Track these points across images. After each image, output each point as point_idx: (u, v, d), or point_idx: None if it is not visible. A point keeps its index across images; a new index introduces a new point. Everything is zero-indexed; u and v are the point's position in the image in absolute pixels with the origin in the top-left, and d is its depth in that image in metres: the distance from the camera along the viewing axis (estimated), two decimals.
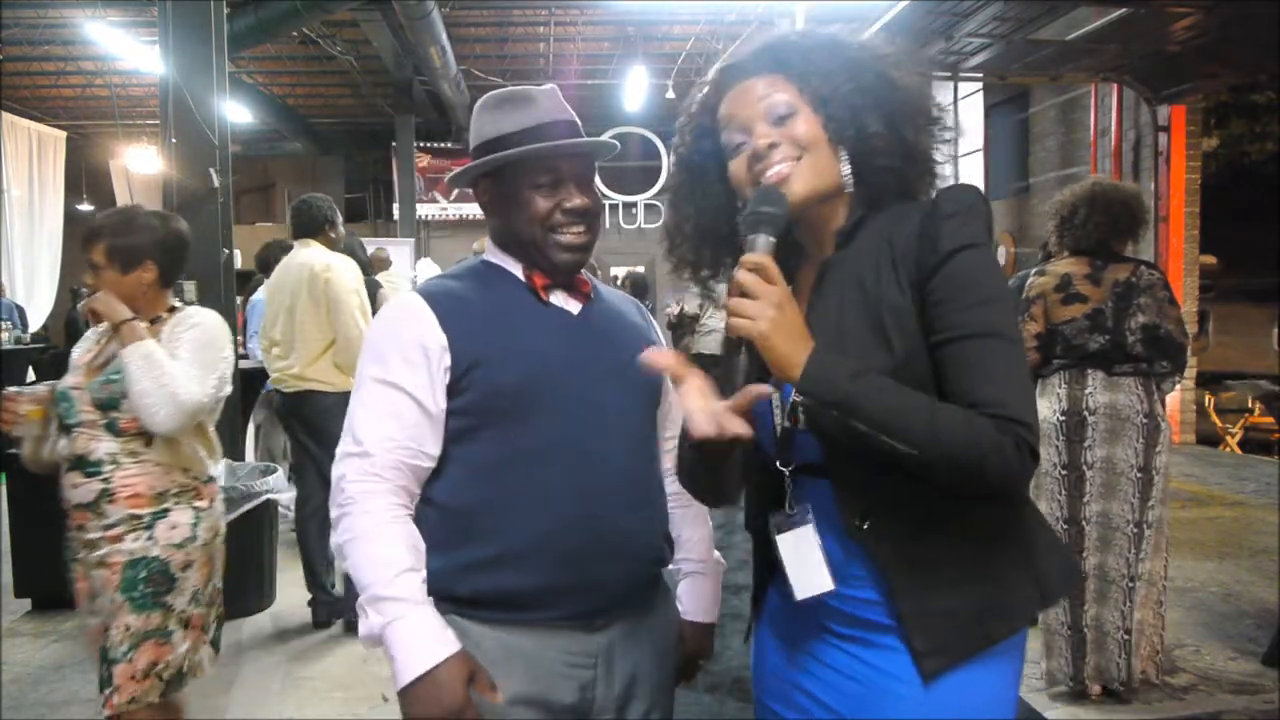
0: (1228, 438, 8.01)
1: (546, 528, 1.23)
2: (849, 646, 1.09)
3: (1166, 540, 2.91)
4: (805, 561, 1.08)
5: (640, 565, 1.32)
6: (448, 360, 1.26)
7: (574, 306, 1.36)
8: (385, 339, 1.30)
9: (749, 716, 1.32)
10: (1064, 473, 2.85)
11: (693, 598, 1.45)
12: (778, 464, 1.11)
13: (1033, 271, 2.97)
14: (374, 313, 4.73)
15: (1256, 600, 3.78)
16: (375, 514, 1.22)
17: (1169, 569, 2.96)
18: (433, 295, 1.31)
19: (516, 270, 1.36)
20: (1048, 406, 2.86)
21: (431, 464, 1.27)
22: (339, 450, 1.28)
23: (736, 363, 1.00)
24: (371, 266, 6.57)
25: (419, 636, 1.15)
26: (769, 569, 1.18)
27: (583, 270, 1.39)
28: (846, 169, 1.11)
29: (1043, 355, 2.88)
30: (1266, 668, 3.11)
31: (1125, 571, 2.81)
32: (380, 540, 1.20)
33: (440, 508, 1.27)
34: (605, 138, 1.40)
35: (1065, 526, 2.85)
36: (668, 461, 1.41)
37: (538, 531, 1.23)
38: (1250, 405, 8.17)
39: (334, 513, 1.25)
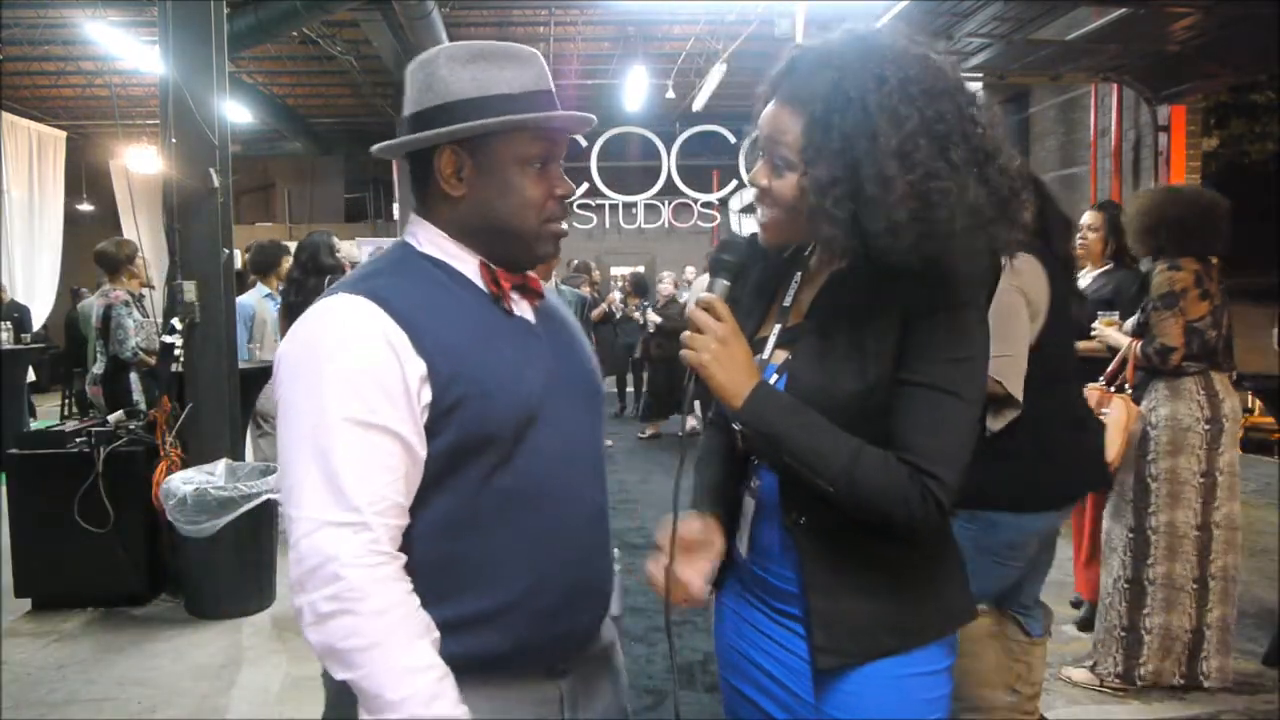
0: None
1: (526, 584, 1.09)
2: (785, 621, 1.20)
3: None
4: (745, 526, 1.23)
5: (603, 604, 1.22)
6: (428, 395, 1.03)
7: (529, 312, 1.18)
8: (352, 362, 1.01)
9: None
10: (1202, 480, 2.84)
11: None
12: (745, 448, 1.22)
13: (1164, 267, 2.90)
14: None
15: (1256, 600, 3.78)
16: (390, 613, 0.98)
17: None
18: (390, 304, 1.04)
19: (466, 268, 1.14)
20: (1190, 414, 2.84)
21: None
22: (309, 514, 0.99)
23: (687, 388, 1.14)
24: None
25: None
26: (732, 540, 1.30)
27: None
28: None
29: (1184, 354, 2.85)
30: (1266, 668, 3.12)
31: (1222, 569, 2.89)
32: (408, 646, 0.98)
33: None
34: (602, 135, 1.24)
35: (1198, 534, 2.85)
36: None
37: (517, 589, 1.09)
38: (1250, 405, 8.17)
39: (323, 605, 0.97)
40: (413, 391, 1.02)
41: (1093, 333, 3.32)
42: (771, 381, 1.15)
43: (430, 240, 1.14)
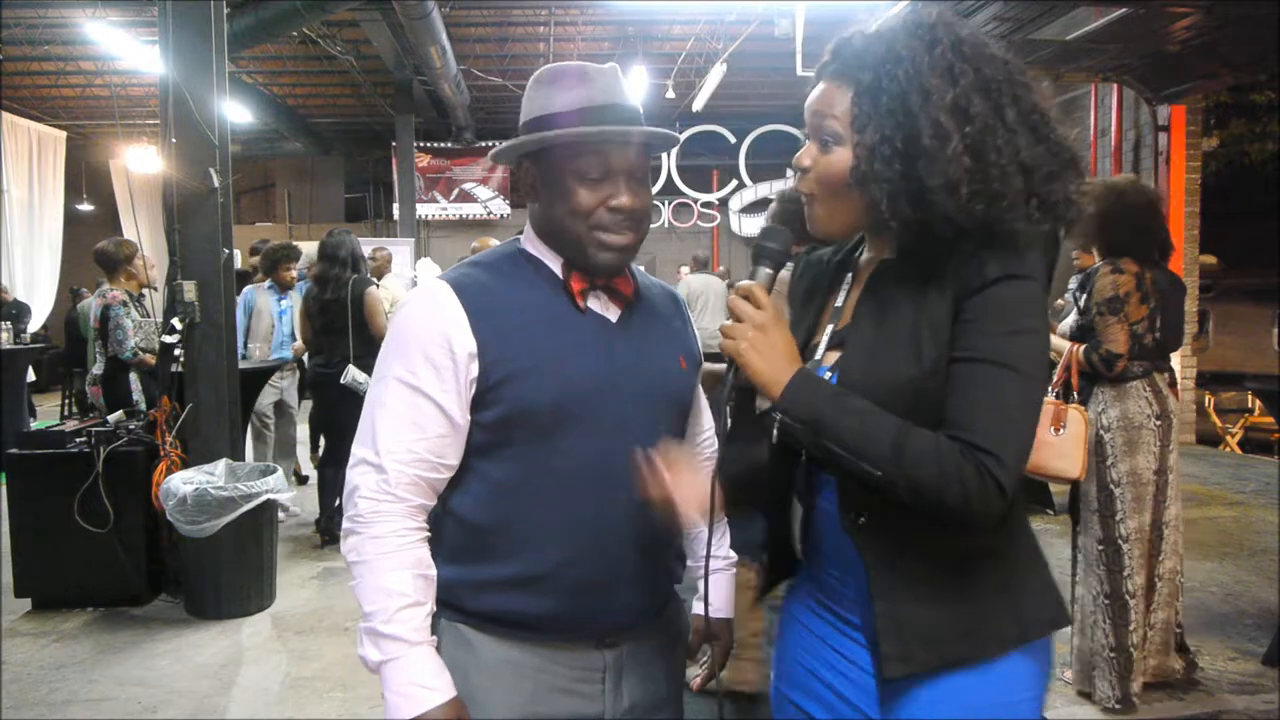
0: (1228, 438, 8.03)
1: (561, 556, 1.20)
2: (849, 630, 1.14)
3: None
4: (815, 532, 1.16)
5: (651, 593, 1.28)
6: (475, 370, 1.18)
7: (613, 313, 1.28)
8: (412, 333, 1.19)
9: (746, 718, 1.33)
10: (1157, 478, 2.80)
11: (719, 594, 1.40)
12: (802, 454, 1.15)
13: (1107, 269, 2.82)
14: (352, 313, 4.77)
15: (1256, 600, 3.79)
16: (384, 540, 1.16)
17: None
18: (464, 289, 1.20)
19: (555, 265, 1.26)
20: (1140, 411, 2.79)
21: (450, 473, 1.22)
22: (355, 448, 1.20)
23: (728, 378, 1.10)
24: (374, 267, 6.61)
25: (413, 679, 1.13)
26: (784, 552, 1.23)
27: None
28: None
29: (1129, 356, 2.81)
30: (1266, 668, 3.12)
31: (1171, 571, 2.88)
32: (385, 570, 1.15)
33: (458, 519, 1.23)
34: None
35: (1152, 535, 2.82)
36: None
37: (552, 560, 1.20)
38: (1250, 405, 8.17)
39: (345, 524, 1.20)
40: (460, 366, 1.17)
41: None
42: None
43: (528, 238, 1.30)
